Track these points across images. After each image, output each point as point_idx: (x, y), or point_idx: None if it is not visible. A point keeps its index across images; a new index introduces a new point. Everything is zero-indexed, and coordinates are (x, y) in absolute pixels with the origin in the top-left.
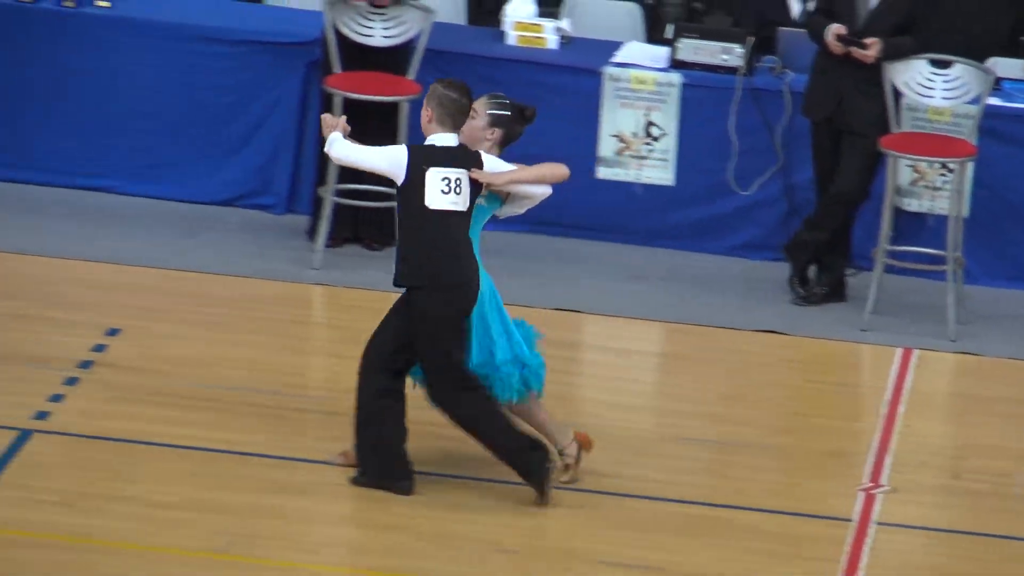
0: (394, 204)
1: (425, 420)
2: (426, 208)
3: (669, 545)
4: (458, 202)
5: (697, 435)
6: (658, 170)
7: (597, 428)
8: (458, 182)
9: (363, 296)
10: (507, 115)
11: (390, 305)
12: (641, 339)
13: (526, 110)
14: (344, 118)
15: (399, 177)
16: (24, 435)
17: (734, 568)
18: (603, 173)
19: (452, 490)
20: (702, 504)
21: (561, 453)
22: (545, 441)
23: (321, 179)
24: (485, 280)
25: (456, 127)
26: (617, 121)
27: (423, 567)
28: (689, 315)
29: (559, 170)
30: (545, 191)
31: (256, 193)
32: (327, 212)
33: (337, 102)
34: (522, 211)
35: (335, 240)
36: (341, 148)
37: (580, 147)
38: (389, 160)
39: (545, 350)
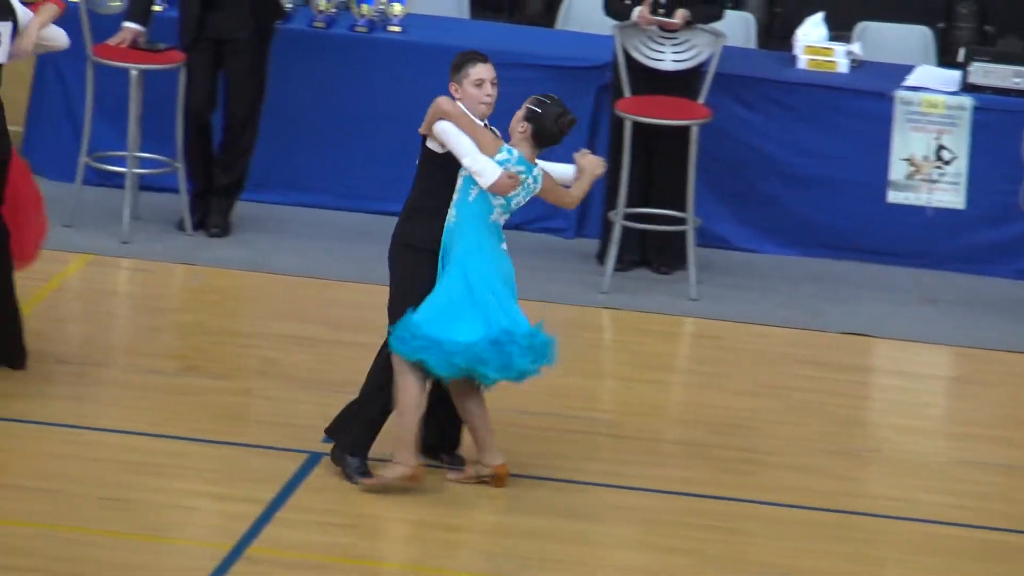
0: (683, 228)
1: (702, 442)
2: None
3: (965, 569)
4: None
5: (988, 459)
6: (949, 193)
7: (888, 452)
8: None
9: (651, 319)
10: (537, 111)
11: (678, 329)
12: (931, 363)
13: (563, 116)
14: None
15: None
16: (314, 458)
17: None
18: (894, 197)
19: (734, 512)
20: (996, 529)
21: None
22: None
23: (611, 203)
24: (470, 256)
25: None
26: (908, 144)
27: None
28: (980, 339)
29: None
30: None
31: (546, 217)
32: (616, 236)
33: (627, 126)
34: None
35: (624, 263)
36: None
37: (871, 171)
38: None
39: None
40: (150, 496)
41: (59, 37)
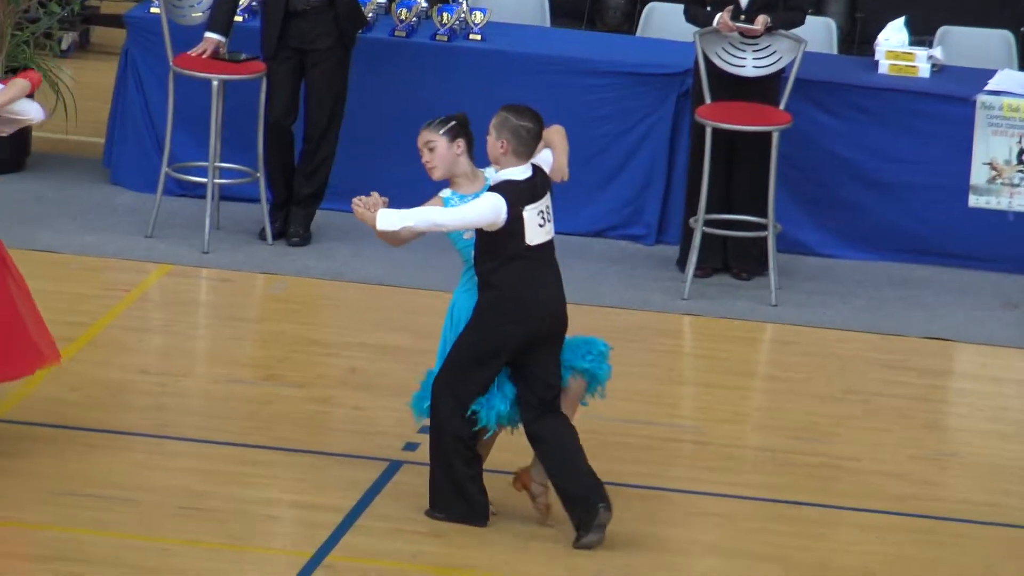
0: (764, 234)
1: (784, 448)
2: (528, 246)
3: None
4: (551, 230)
5: None
6: None
7: (970, 456)
8: (549, 210)
9: (731, 326)
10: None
11: (759, 334)
12: (1013, 367)
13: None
14: (376, 195)
15: (499, 224)
16: (394, 466)
17: None
18: (975, 201)
19: (816, 517)
20: None
21: None
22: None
23: (691, 209)
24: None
25: (530, 157)
26: (990, 149)
27: None
28: None
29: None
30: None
31: (627, 224)
32: (696, 242)
33: (708, 132)
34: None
35: (704, 270)
36: (422, 216)
37: (952, 175)
38: (495, 210)
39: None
40: (231, 505)
41: (28, 111)
